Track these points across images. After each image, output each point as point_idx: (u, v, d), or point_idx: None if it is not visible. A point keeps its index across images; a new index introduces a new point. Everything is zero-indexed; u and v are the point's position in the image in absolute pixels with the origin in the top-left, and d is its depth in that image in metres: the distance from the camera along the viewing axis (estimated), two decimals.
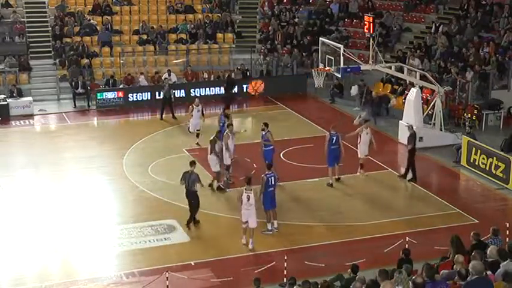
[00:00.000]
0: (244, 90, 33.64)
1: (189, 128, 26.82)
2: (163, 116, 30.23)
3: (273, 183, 19.44)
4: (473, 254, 12.99)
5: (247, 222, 18.50)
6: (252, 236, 18.62)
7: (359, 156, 23.65)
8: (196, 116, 26.48)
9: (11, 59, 33.27)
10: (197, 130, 26.58)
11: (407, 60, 31.74)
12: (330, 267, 16.91)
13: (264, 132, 22.63)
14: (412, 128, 23.61)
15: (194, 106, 26.56)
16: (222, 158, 22.26)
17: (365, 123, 23.95)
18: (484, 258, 12.79)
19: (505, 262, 12.27)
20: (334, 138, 22.84)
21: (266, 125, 22.77)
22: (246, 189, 18.46)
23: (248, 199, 18.34)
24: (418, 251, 16.86)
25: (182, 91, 32.35)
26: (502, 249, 12.79)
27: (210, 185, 22.22)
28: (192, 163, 20.21)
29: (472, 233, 15.16)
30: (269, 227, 19.56)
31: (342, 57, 25.24)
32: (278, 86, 33.95)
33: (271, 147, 22.69)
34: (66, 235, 19.50)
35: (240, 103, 32.74)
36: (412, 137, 23.22)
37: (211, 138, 22.50)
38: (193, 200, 19.83)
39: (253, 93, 33.63)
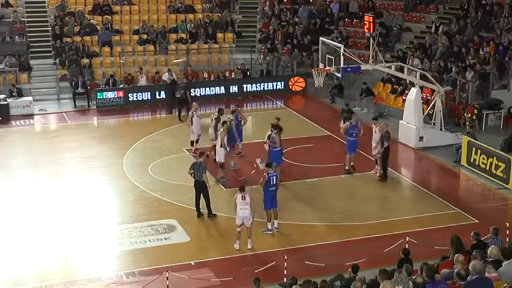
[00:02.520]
0: (245, 90, 33.66)
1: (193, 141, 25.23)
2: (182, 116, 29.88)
3: (274, 182, 19.45)
4: (473, 253, 13.00)
5: (242, 225, 18.40)
6: (250, 236, 18.59)
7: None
8: (196, 123, 25.23)
9: (11, 58, 33.27)
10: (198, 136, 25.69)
11: (408, 61, 31.73)
12: (330, 267, 16.90)
13: (273, 134, 22.67)
14: (387, 126, 23.43)
15: (193, 112, 25.39)
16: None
17: (375, 121, 24.02)
18: (484, 258, 12.79)
19: (508, 261, 12.25)
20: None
21: (274, 126, 22.85)
22: (240, 192, 18.47)
23: (244, 198, 18.29)
24: (418, 251, 16.87)
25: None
26: (506, 249, 12.78)
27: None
28: (201, 154, 20.69)
29: (472, 233, 15.17)
30: (269, 227, 19.56)
31: (342, 57, 25.24)
32: None
33: (278, 148, 22.70)
34: (66, 235, 19.50)
35: (241, 103, 32.74)
36: (386, 135, 23.10)
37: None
38: (202, 190, 20.15)
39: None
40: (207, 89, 33.17)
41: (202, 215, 20.37)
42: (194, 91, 32.49)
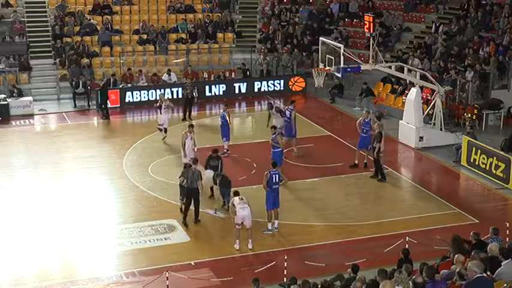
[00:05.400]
0: (244, 91, 33.64)
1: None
2: (187, 116, 29.88)
3: (276, 180, 19.47)
4: (472, 254, 13.00)
5: (241, 224, 18.36)
6: (250, 236, 18.57)
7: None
8: (164, 113, 27.15)
9: (8, 58, 33.25)
10: (159, 125, 27.26)
11: (408, 61, 31.69)
12: (330, 267, 16.91)
13: (273, 135, 22.71)
14: (380, 127, 23.33)
15: (161, 103, 27.35)
16: None
17: (375, 119, 24.05)
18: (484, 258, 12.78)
19: (507, 261, 12.25)
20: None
21: (274, 127, 22.91)
22: (235, 196, 18.51)
23: (242, 199, 18.34)
24: (418, 251, 16.89)
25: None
26: (505, 248, 12.78)
27: None
28: (195, 161, 20.35)
29: (471, 233, 15.16)
30: (269, 227, 19.56)
31: (342, 57, 25.24)
32: None
33: (280, 149, 22.70)
34: (66, 235, 19.50)
35: (240, 103, 32.81)
36: (378, 136, 23.09)
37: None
38: (194, 197, 19.84)
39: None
40: (208, 88, 33.17)
41: (199, 221, 20.03)
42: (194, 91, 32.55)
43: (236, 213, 18.26)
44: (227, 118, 25.12)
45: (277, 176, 19.48)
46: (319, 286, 13.70)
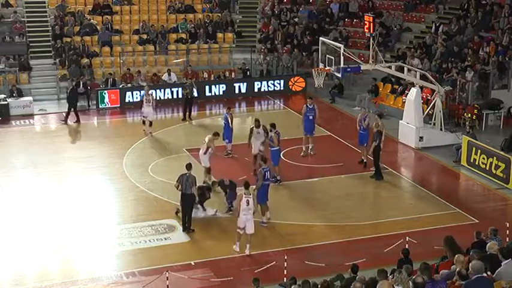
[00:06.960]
0: (244, 91, 33.62)
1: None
2: (187, 116, 29.97)
3: (268, 176, 19.94)
4: (471, 253, 13.00)
5: (243, 228, 18.31)
6: (249, 242, 18.44)
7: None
8: (145, 106, 27.99)
9: (8, 58, 33.24)
10: (144, 117, 28.14)
11: (408, 61, 31.69)
12: (330, 267, 16.91)
13: (271, 134, 22.74)
14: (378, 126, 23.33)
15: (145, 95, 28.37)
16: None
17: (376, 117, 24.07)
18: (482, 257, 12.77)
19: (507, 261, 12.25)
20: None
21: (273, 126, 22.94)
22: (245, 194, 18.35)
23: (247, 203, 18.19)
24: (418, 251, 16.89)
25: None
26: (505, 248, 12.78)
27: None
28: (189, 166, 20.08)
29: (474, 232, 15.15)
30: (264, 219, 19.81)
31: (342, 57, 25.25)
32: None
33: (276, 148, 22.73)
34: (66, 235, 19.50)
35: (240, 103, 32.82)
36: (376, 134, 23.11)
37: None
38: (188, 203, 19.57)
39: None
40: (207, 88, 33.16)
41: (193, 231, 19.60)
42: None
43: (239, 214, 18.23)
44: (229, 120, 25.17)
45: (268, 172, 19.98)
46: (319, 286, 13.70)
